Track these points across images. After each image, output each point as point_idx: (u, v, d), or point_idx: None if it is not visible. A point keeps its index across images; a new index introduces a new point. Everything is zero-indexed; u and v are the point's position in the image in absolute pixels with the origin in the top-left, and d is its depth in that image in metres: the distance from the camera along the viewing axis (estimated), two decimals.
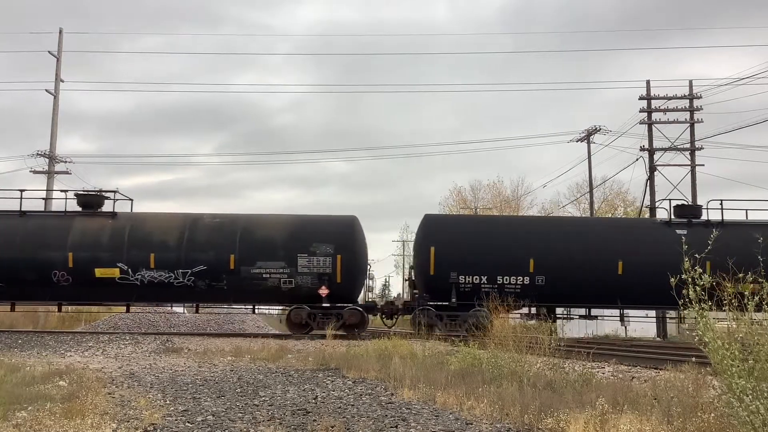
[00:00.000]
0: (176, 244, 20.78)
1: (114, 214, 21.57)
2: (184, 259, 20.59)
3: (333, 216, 22.19)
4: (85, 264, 20.48)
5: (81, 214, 21.60)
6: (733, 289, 5.40)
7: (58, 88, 35.79)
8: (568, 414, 6.43)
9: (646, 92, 34.23)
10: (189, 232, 20.96)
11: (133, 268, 20.50)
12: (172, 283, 20.57)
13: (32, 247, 20.71)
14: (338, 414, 7.35)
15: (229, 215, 21.93)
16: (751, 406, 4.83)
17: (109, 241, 20.78)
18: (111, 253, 20.61)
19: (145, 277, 20.52)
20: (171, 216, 22.03)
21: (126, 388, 9.51)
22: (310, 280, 20.63)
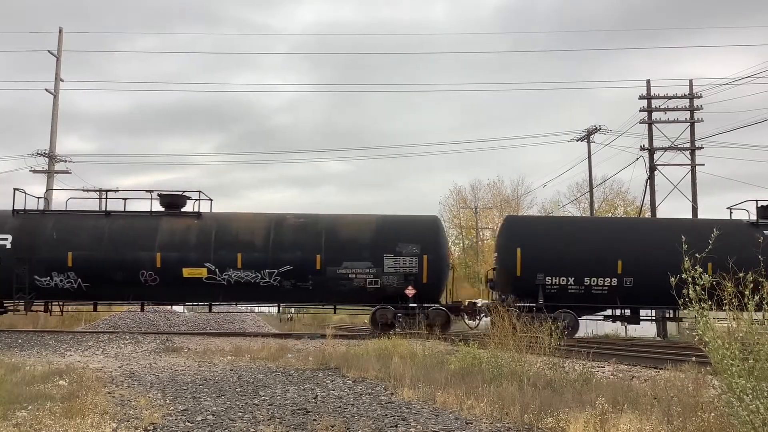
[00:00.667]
0: (263, 245, 20.85)
1: (199, 215, 21.68)
2: (271, 260, 20.64)
3: (416, 216, 22.34)
4: (173, 264, 20.54)
5: (167, 214, 21.69)
6: (733, 289, 5.40)
7: (58, 88, 35.80)
8: (568, 413, 6.43)
9: (647, 92, 34.23)
10: (274, 233, 21.04)
11: (220, 268, 20.56)
12: (258, 283, 20.62)
13: (120, 247, 20.76)
14: (338, 413, 7.36)
15: (312, 215, 22.06)
16: (751, 405, 4.82)
17: (197, 241, 20.87)
18: (199, 253, 20.68)
19: (231, 277, 20.56)
20: (255, 216, 22.09)
21: (126, 388, 9.51)
22: (395, 280, 20.71)
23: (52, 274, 20.58)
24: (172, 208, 21.86)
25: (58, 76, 35.87)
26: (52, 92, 35.56)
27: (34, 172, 36.00)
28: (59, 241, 20.73)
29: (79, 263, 20.49)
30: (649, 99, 34.24)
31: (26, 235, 20.66)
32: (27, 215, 21.30)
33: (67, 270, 20.53)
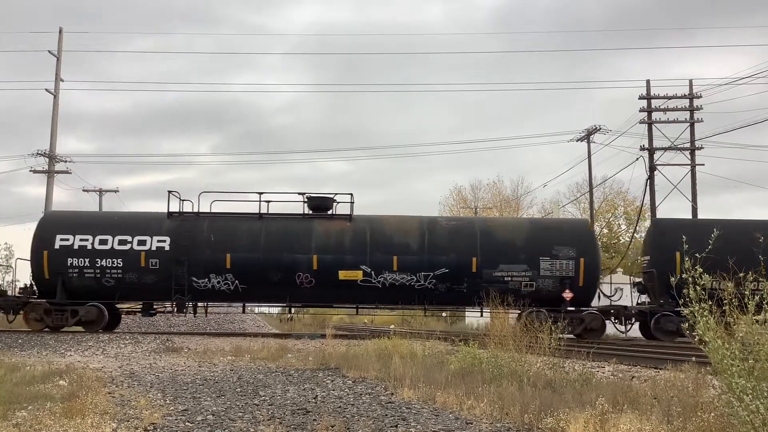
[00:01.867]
0: (418, 247, 20.81)
1: (350, 217, 21.60)
2: (426, 262, 20.58)
3: (569, 219, 22.37)
4: (329, 266, 20.51)
5: (319, 216, 21.68)
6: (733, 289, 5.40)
7: (58, 88, 35.78)
8: (568, 413, 6.43)
9: (646, 92, 34.23)
10: (428, 235, 20.98)
11: (376, 270, 20.53)
12: (413, 286, 20.55)
13: (277, 249, 20.71)
14: (338, 413, 7.36)
15: (464, 218, 22.06)
16: (751, 405, 4.83)
17: (352, 244, 20.83)
18: (355, 256, 20.64)
19: (387, 280, 20.51)
20: (406, 218, 22.08)
21: (126, 388, 9.51)
22: (551, 283, 20.64)
23: (210, 276, 20.56)
24: (320, 211, 21.88)
25: (58, 76, 35.86)
26: (52, 92, 35.55)
27: (34, 172, 36.02)
28: (217, 243, 20.73)
29: (237, 265, 20.49)
30: (648, 99, 34.24)
31: (184, 237, 20.64)
32: (182, 217, 21.26)
33: (225, 272, 20.50)
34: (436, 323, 37.48)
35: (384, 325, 39.44)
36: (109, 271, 20.42)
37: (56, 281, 20.39)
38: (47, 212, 21.59)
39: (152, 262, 20.43)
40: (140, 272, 20.40)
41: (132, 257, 20.43)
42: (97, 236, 20.55)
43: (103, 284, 20.48)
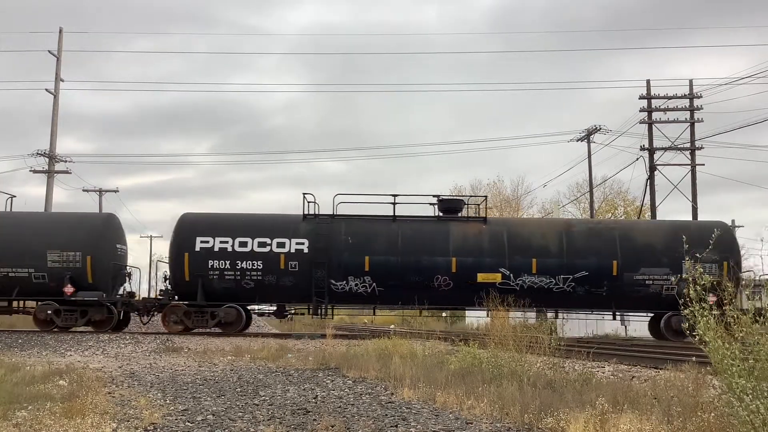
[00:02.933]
0: (557, 250, 20.73)
1: (485, 219, 21.62)
2: (566, 265, 20.52)
3: (706, 222, 22.24)
4: (468, 269, 20.44)
5: (454, 219, 21.67)
6: (733, 289, 5.40)
7: (58, 88, 35.80)
8: (568, 413, 6.43)
9: (646, 92, 34.24)
10: (567, 238, 20.92)
11: (514, 273, 20.46)
12: (551, 289, 20.48)
13: (414, 251, 20.69)
14: (338, 413, 7.36)
15: (599, 221, 21.86)
16: (752, 405, 4.82)
17: (490, 246, 20.77)
18: (493, 258, 20.58)
19: (525, 282, 20.45)
20: (542, 221, 22.18)
21: (126, 388, 9.51)
22: None
23: (348, 279, 20.56)
24: (452, 213, 21.85)
25: (58, 76, 35.88)
26: (52, 92, 35.57)
27: (34, 172, 36.06)
28: (355, 246, 20.73)
29: (375, 267, 20.48)
30: (649, 99, 34.25)
31: (322, 240, 20.67)
32: (318, 219, 21.27)
33: (364, 274, 20.50)
34: (436, 323, 37.48)
35: (384, 325, 39.45)
36: (249, 273, 20.51)
37: (196, 283, 20.42)
38: (184, 215, 21.68)
39: (291, 264, 20.52)
40: (279, 274, 20.51)
41: (272, 259, 20.51)
42: (236, 238, 20.64)
43: (243, 286, 20.54)
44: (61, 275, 20.49)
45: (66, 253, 20.65)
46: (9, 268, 20.64)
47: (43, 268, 20.60)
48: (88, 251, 20.76)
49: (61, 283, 20.44)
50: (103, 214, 22.20)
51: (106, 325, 20.73)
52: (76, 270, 20.59)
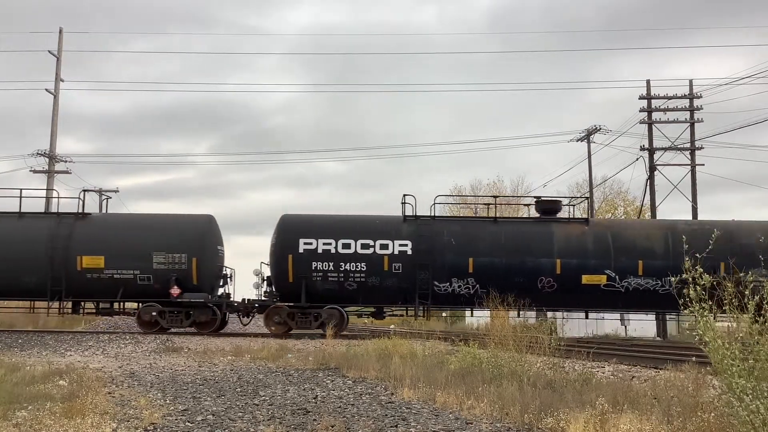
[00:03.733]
0: (662, 252, 20.60)
1: (587, 220, 21.57)
2: (672, 267, 19.90)
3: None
4: (571, 270, 20.37)
5: (556, 220, 21.62)
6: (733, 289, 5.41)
7: (58, 88, 35.80)
8: (568, 413, 6.43)
9: (646, 92, 34.24)
10: (672, 239, 20.71)
11: (620, 275, 20.36)
12: (657, 291, 20.36)
13: (518, 253, 20.60)
14: (338, 413, 7.36)
15: (702, 222, 21.74)
16: (751, 405, 4.82)
17: (594, 248, 20.71)
18: (598, 260, 20.48)
19: (630, 284, 20.35)
20: (645, 223, 22.08)
21: (126, 388, 9.51)
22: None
23: (452, 280, 20.52)
24: (550, 214, 21.78)
25: (59, 76, 35.87)
26: (52, 92, 35.57)
27: (34, 172, 36.05)
28: (459, 247, 20.68)
29: (479, 269, 20.41)
30: (648, 99, 34.24)
31: (424, 241, 20.65)
32: (419, 221, 21.27)
33: (467, 276, 20.42)
34: (436, 323, 37.47)
35: (384, 325, 39.45)
36: (353, 275, 20.54)
37: (300, 285, 20.41)
38: (284, 216, 21.77)
39: (395, 266, 20.53)
40: (383, 276, 20.52)
41: (375, 261, 20.52)
42: (339, 240, 20.67)
43: (346, 288, 20.53)
44: (167, 277, 20.52)
45: (172, 255, 20.72)
46: (114, 269, 20.63)
47: (148, 269, 20.62)
48: (194, 253, 20.83)
49: (165, 284, 20.48)
50: (205, 215, 22.22)
51: (210, 326, 20.78)
52: (181, 272, 20.64)
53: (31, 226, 21.38)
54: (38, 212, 21.58)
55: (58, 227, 21.04)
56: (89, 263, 20.62)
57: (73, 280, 20.63)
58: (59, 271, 20.57)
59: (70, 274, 20.59)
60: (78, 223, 21.30)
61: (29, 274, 20.61)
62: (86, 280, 20.63)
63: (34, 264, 20.61)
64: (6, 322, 25.27)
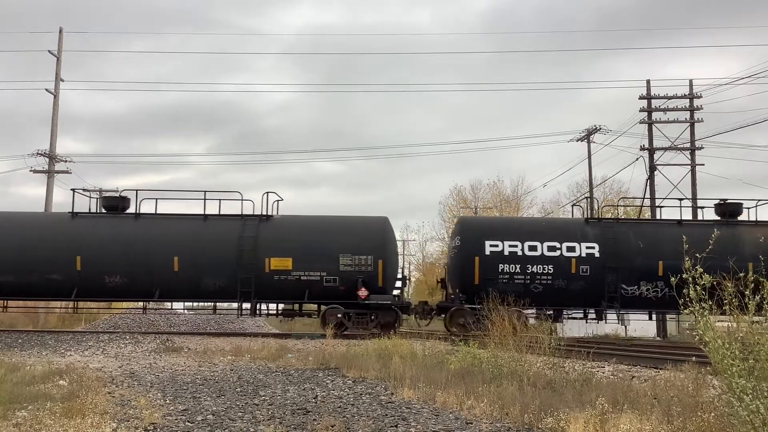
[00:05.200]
0: None
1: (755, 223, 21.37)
2: None
3: None
4: None
5: (740, 223, 21.46)
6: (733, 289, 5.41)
7: (58, 88, 35.79)
8: (568, 413, 6.43)
9: (646, 92, 34.26)
10: None
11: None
12: None
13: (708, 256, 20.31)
14: (338, 413, 7.36)
15: None
16: (752, 405, 4.82)
17: None
18: None
19: None
20: None
21: (126, 388, 9.51)
22: None
23: (640, 284, 20.51)
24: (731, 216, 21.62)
25: (59, 76, 35.86)
26: (52, 92, 35.56)
27: (34, 172, 36.02)
28: (647, 250, 20.61)
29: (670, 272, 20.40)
30: (648, 99, 34.27)
31: (610, 244, 20.62)
32: (603, 223, 21.25)
33: (657, 279, 20.38)
34: (436, 323, 37.45)
35: None
36: (539, 278, 20.54)
37: (484, 287, 20.24)
38: (463, 218, 21.86)
39: (583, 268, 20.53)
40: (569, 279, 20.52)
41: (562, 263, 20.53)
42: (525, 242, 20.64)
43: (531, 290, 20.47)
44: (353, 279, 20.60)
45: (358, 257, 20.81)
46: (301, 271, 20.73)
47: (335, 271, 20.71)
48: (380, 255, 20.90)
49: (350, 286, 20.56)
50: (382, 217, 22.33)
51: (391, 327, 20.78)
52: (367, 273, 20.70)
53: (217, 228, 21.39)
54: (223, 214, 21.62)
55: (244, 229, 21.10)
56: (277, 265, 20.78)
57: (262, 281, 20.73)
58: (248, 273, 20.63)
59: (259, 276, 20.67)
60: (263, 225, 21.38)
61: (216, 276, 20.73)
62: (273, 281, 20.77)
63: (222, 266, 20.74)
64: (6, 322, 25.30)
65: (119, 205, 21.92)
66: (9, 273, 20.59)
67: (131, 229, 21.26)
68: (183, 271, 20.63)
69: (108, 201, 22.09)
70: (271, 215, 21.90)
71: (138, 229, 21.25)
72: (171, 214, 21.74)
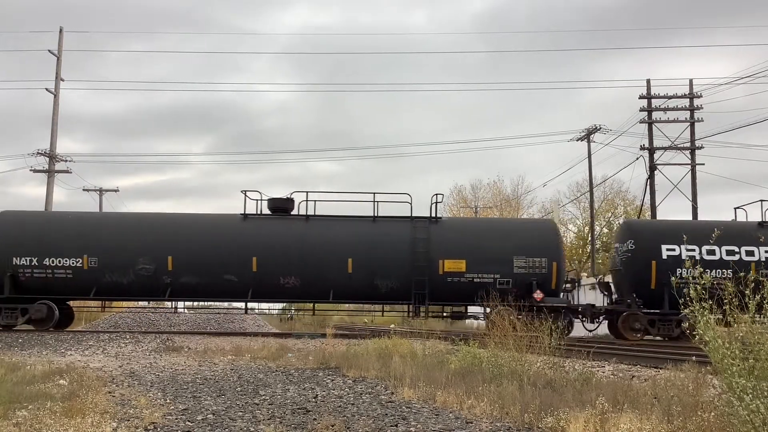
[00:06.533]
0: None
1: None
2: None
3: None
4: None
5: None
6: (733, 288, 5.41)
7: (58, 87, 35.80)
8: (568, 413, 6.43)
9: (647, 91, 34.28)
10: None
11: None
12: None
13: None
14: (338, 413, 7.36)
15: None
16: (752, 405, 4.82)
17: None
18: None
19: None
20: None
21: (126, 387, 9.51)
22: None
23: None
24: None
25: (59, 76, 35.88)
26: (52, 92, 35.57)
27: (34, 172, 36.06)
28: None
29: None
30: (648, 99, 34.29)
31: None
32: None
33: None
34: (436, 323, 37.47)
35: (384, 325, 39.46)
36: None
37: (662, 291, 20.27)
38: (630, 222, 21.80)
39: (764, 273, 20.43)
40: None
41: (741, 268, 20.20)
42: (703, 246, 20.51)
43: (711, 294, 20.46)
44: (527, 281, 20.50)
45: (532, 260, 20.71)
46: (474, 273, 20.70)
47: (508, 273, 20.64)
48: (554, 257, 20.83)
49: (523, 288, 20.43)
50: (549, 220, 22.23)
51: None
52: (541, 276, 20.62)
53: (388, 229, 21.44)
54: (391, 216, 21.68)
55: (415, 231, 21.12)
56: (451, 267, 20.72)
57: (435, 283, 20.72)
58: (422, 275, 20.64)
59: (433, 278, 20.67)
60: (433, 226, 21.37)
61: (389, 278, 20.71)
62: (446, 283, 20.73)
63: (395, 268, 20.75)
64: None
65: (286, 206, 21.99)
66: (193, 274, 20.80)
67: (303, 231, 21.33)
68: (356, 273, 20.64)
69: (275, 203, 22.09)
70: (440, 217, 22.00)
71: (309, 231, 21.35)
72: (341, 216, 21.79)
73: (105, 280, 20.87)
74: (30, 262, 20.88)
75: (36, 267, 20.88)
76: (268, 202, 22.14)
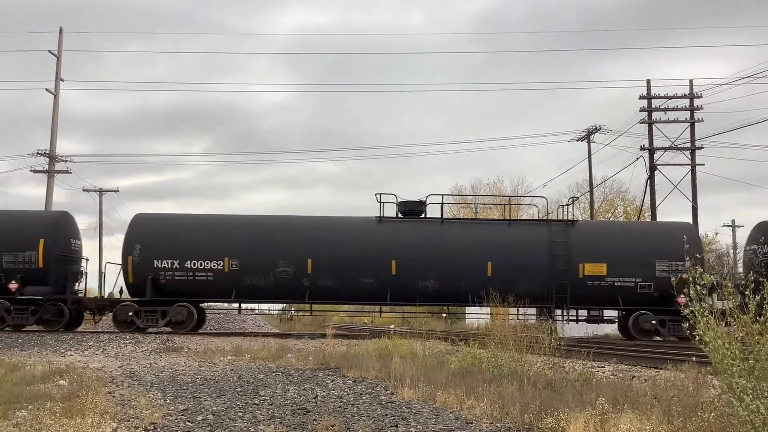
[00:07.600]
0: None
1: None
2: None
3: None
4: None
5: None
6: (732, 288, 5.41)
7: (58, 88, 35.78)
8: (568, 413, 6.42)
9: (647, 92, 34.26)
10: None
11: None
12: None
13: None
14: (338, 413, 7.36)
15: None
16: (752, 405, 4.82)
17: None
18: None
19: None
20: None
21: (126, 388, 9.51)
22: None
23: None
24: None
25: (59, 76, 35.85)
26: (52, 92, 35.56)
27: (34, 172, 36.04)
28: None
29: None
30: (648, 99, 34.26)
31: None
32: None
33: None
34: (436, 323, 37.48)
35: (384, 325, 39.48)
36: None
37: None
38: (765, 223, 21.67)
39: None
40: None
41: None
42: None
43: None
44: (665, 284, 20.26)
45: (675, 263, 20.64)
46: (615, 277, 20.66)
47: (650, 277, 20.60)
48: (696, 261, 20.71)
49: (663, 292, 20.27)
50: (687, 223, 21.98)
51: None
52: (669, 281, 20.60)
53: (525, 233, 21.46)
54: (526, 219, 21.96)
55: (553, 234, 21.08)
56: (591, 270, 20.73)
57: (576, 287, 20.65)
58: (563, 279, 20.59)
59: (573, 282, 20.62)
60: (570, 230, 21.32)
61: (528, 281, 20.57)
62: (586, 287, 20.70)
63: (535, 271, 20.69)
64: None
65: (418, 209, 21.98)
66: (331, 277, 20.78)
67: (439, 234, 21.33)
68: (496, 276, 20.49)
69: (406, 206, 22.08)
70: (576, 220, 21.96)
71: (445, 233, 21.36)
72: (476, 219, 21.70)
73: (245, 282, 20.80)
74: (171, 265, 20.79)
75: (177, 270, 20.79)
76: (398, 205, 22.12)
